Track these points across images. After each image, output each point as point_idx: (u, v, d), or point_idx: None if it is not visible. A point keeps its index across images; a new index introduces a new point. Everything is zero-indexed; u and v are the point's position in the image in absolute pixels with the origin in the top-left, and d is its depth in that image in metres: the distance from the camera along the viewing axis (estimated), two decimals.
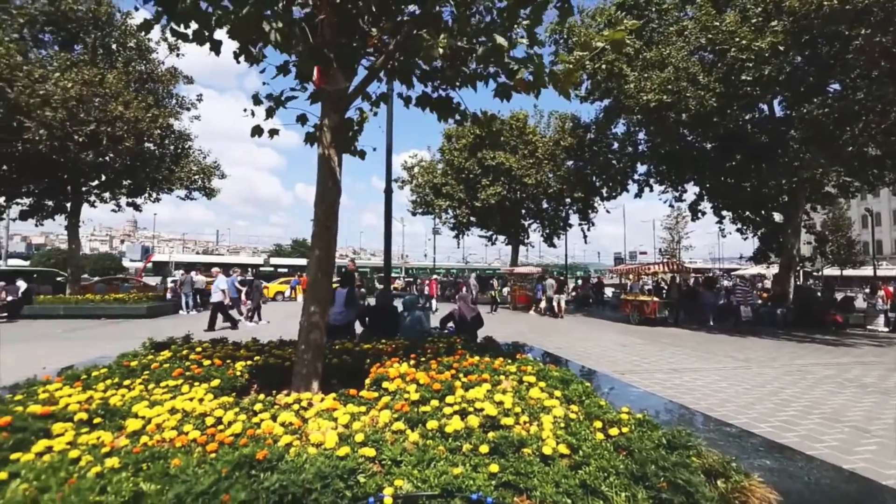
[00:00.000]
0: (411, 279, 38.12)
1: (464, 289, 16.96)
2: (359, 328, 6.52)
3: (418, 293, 22.31)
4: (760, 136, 15.85)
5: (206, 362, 3.66)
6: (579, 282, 24.04)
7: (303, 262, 38.59)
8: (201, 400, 2.75)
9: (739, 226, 20.34)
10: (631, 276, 19.25)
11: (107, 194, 18.68)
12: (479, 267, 56.96)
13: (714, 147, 17.23)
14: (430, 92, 3.75)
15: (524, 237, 28.97)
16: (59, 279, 20.15)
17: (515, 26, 3.08)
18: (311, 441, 2.12)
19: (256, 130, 3.56)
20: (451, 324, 6.29)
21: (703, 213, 20.40)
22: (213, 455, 2.00)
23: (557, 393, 2.88)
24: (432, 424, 2.30)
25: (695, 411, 3.94)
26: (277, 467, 1.80)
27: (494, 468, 1.89)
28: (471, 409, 2.53)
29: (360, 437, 2.10)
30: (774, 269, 21.22)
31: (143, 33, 16.38)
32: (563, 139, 23.05)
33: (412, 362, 3.45)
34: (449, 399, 2.64)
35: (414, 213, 29.09)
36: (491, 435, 2.17)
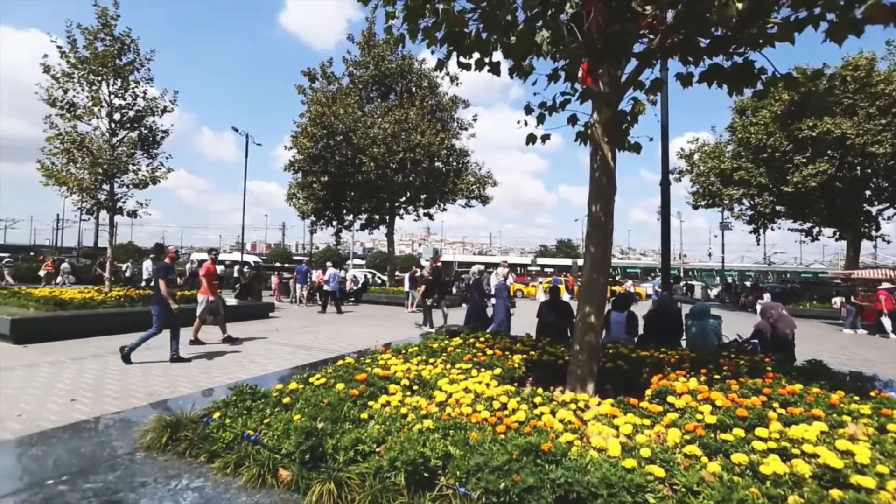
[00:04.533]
0: (691, 282, 33.23)
1: (766, 296, 13.59)
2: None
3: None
4: None
5: (489, 352, 4.13)
6: None
7: (567, 261, 39.18)
8: (487, 385, 3.11)
9: None
10: None
11: (410, 207, 24.02)
12: (789, 269, 44.52)
13: None
14: (722, 61, 3.15)
15: (869, 228, 20.85)
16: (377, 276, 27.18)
17: None
18: (593, 444, 2.08)
19: (531, 138, 3.72)
20: (755, 340, 5.08)
21: None
22: (501, 436, 2.22)
23: None
24: (739, 458, 1.90)
25: None
26: (561, 462, 1.84)
27: None
28: (795, 451, 1.98)
29: (646, 452, 1.93)
30: None
31: (435, 73, 20.28)
32: None
33: (703, 378, 2.97)
34: (760, 432, 2.14)
35: (695, 207, 24.86)
36: (836, 493, 1.62)
